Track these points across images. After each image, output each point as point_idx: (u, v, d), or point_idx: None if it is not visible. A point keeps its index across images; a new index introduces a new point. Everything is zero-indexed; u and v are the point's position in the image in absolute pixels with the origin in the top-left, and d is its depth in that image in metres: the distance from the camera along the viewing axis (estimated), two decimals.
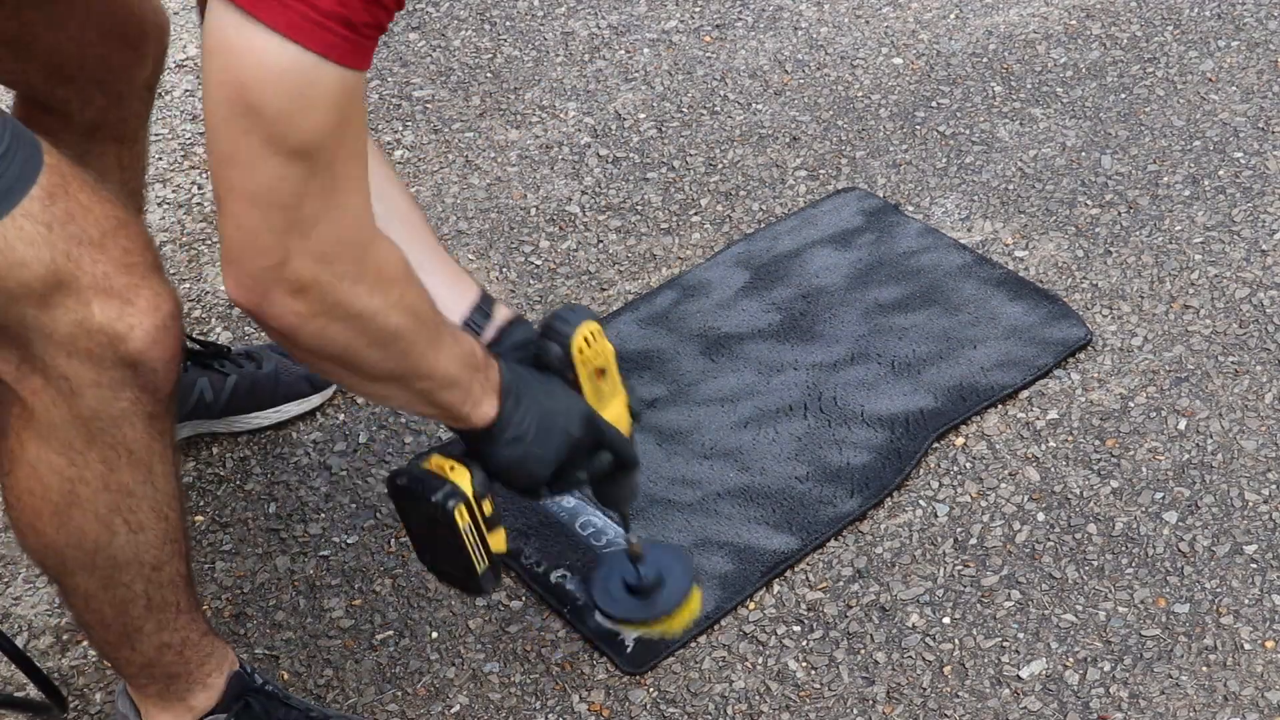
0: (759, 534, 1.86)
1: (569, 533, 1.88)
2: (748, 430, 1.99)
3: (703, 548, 1.85)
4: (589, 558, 1.84)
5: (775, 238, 2.27)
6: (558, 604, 1.82)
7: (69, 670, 1.80)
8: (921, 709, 1.69)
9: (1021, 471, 1.94)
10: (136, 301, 1.30)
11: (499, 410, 1.45)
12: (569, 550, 1.86)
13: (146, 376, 1.33)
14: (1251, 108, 2.46)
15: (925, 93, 2.57)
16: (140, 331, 1.30)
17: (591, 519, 1.89)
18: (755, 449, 1.96)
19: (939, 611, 1.79)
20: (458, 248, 2.33)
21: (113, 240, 1.29)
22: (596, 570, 1.76)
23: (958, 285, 2.17)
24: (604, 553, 1.83)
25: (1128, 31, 2.65)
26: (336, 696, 1.76)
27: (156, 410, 1.37)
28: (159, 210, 2.47)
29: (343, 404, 2.10)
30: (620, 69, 2.68)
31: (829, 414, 2.00)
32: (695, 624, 1.75)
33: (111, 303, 1.29)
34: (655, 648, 1.76)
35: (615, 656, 1.76)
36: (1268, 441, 1.94)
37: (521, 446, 1.47)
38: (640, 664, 1.75)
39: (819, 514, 1.88)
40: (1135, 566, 1.82)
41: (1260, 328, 2.09)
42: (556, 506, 1.91)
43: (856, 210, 2.32)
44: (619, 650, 1.76)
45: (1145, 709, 1.67)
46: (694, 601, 1.70)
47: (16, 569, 1.92)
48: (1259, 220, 2.26)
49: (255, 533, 1.94)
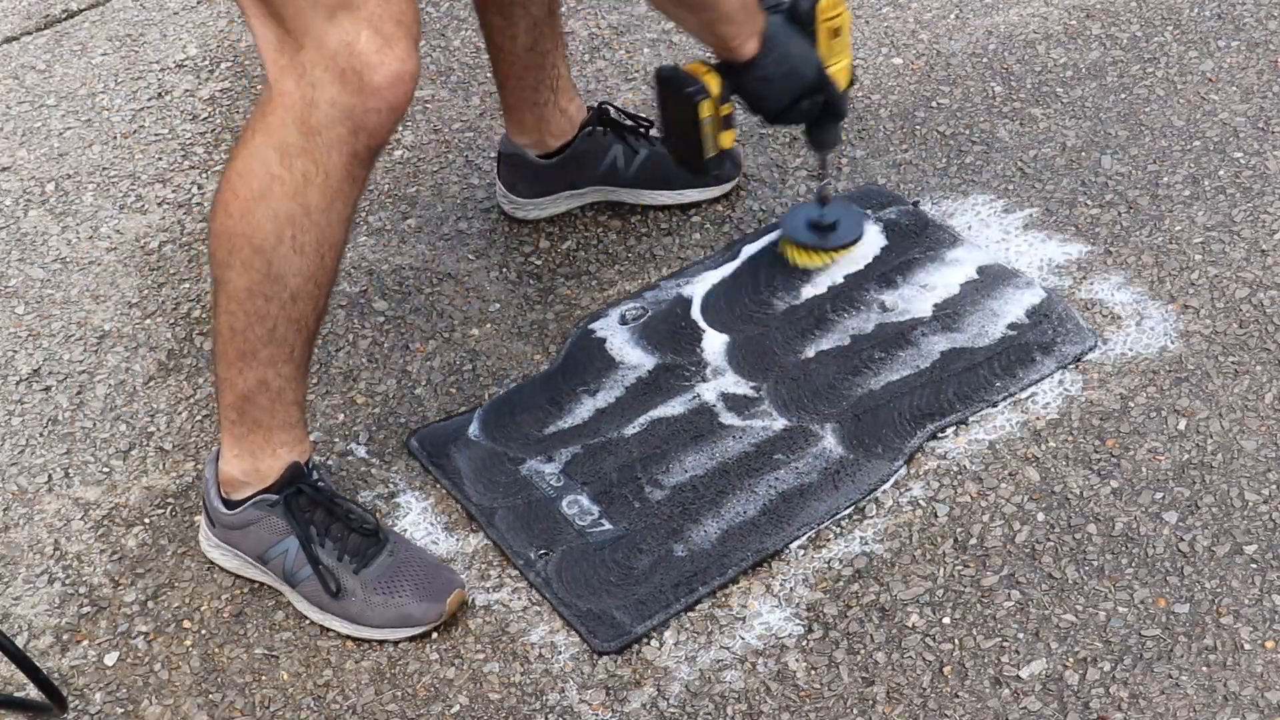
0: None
1: (553, 512, 1.91)
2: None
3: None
4: (569, 535, 1.88)
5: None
6: (540, 583, 1.84)
7: (69, 670, 1.80)
8: (921, 709, 1.69)
9: (1021, 471, 1.94)
10: (394, 48, 1.59)
11: (759, 51, 1.96)
12: (550, 529, 1.89)
13: (370, 114, 1.61)
14: (1251, 108, 2.46)
15: (925, 93, 2.57)
16: (386, 70, 1.58)
17: (578, 498, 1.91)
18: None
19: (939, 611, 1.79)
20: (458, 248, 2.33)
21: (396, 1, 1.59)
22: (785, 216, 2.24)
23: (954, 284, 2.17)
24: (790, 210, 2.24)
25: (1128, 31, 2.65)
26: (336, 696, 1.76)
27: (362, 154, 1.64)
28: (159, 210, 2.47)
29: (343, 404, 2.10)
30: (620, 69, 2.67)
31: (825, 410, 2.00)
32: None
33: (376, 38, 1.58)
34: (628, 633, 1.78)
35: (590, 638, 1.78)
36: (1268, 441, 1.94)
37: (767, 83, 2.00)
38: (610, 645, 1.77)
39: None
40: (1135, 566, 1.82)
41: (1260, 328, 2.09)
42: (545, 486, 1.94)
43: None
44: (595, 631, 1.78)
45: (1145, 709, 1.67)
46: (861, 242, 2.21)
47: (16, 569, 1.92)
48: (1259, 220, 2.26)
49: None
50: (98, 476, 2.04)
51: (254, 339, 1.74)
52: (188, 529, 1.96)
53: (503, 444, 2.00)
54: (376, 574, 1.79)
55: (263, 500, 1.82)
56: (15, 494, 2.02)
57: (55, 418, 2.13)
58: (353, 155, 1.64)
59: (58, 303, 2.32)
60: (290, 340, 1.74)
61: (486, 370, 2.14)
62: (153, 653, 1.82)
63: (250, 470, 1.82)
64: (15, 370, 2.21)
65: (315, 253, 1.69)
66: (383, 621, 1.78)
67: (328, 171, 1.64)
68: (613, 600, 1.81)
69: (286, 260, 1.68)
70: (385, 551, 1.81)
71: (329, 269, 1.72)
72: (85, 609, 1.87)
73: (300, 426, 1.84)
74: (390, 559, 1.81)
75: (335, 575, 1.79)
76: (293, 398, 1.80)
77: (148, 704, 1.77)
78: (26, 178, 2.57)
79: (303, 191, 1.65)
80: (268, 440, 1.81)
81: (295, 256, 1.68)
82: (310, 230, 1.67)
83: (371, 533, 1.81)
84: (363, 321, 2.23)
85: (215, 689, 1.78)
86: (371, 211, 2.42)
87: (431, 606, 1.78)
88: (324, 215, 1.66)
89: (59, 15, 2.94)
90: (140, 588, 1.89)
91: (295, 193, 1.64)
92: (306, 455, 1.85)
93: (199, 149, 2.57)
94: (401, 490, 1.99)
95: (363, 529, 1.81)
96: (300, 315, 1.73)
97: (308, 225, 1.66)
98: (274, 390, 1.78)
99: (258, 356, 1.75)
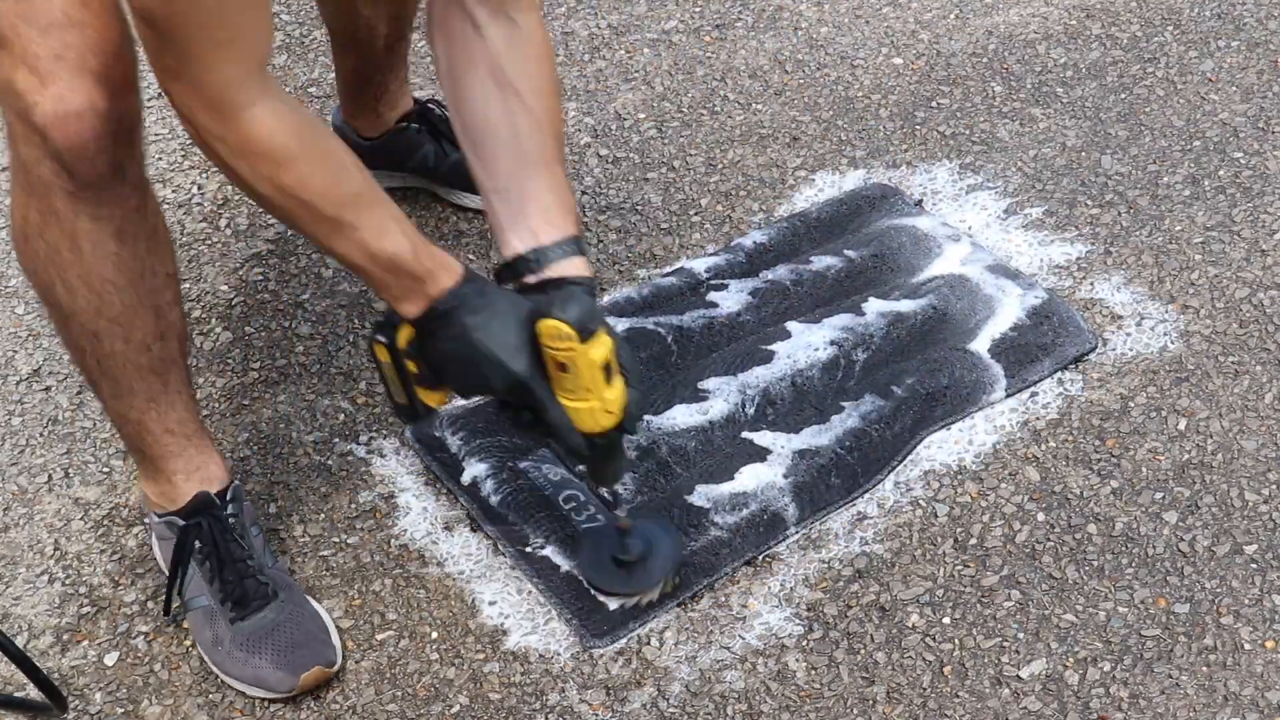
0: None
1: (551, 505, 1.91)
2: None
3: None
4: (568, 530, 1.87)
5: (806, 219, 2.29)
6: (534, 575, 1.84)
7: (69, 670, 1.80)
8: (921, 709, 1.69)
9: (1021, 471, 1.94)
10: (49, 86, 1.48)
11: (422, 316, 1.58)
12: (548, 522, 1.89)
13: (59, 156, 1.51)
14: (1251, 108, 2.46)
15: (925, 93, 2.57)
16: (41, 111, 1.48)
17: (576, 493, 1.92)
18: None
19: (939, 611, 1.79)
20: (458, 248, 2.33)
21: (58, 34, 1.47)
22: (585, 544, 1.84)
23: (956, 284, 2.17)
24: (586, 528, 1.86)
25: (1128, 31, 2.65)
26: (336, 696, 1.76)
27: (78, 192, 1.54)
28: None
29: (343, 404, 2.10)
30: (620, 69, 2.68)
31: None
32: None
33: (32, 78, 1.47)
34: (624, 620, 1.78)
35: (585, 626, 1.78)
36: (1268, 441, 1.94)
37: (439, 356, 1.61)
38: (604, 633, 1.77)
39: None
40: (1135, 566, 1.82)
41: (1260, 328, 2.09)
42: (543, 480, 1.94)
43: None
44: (585, 621, 1.78)
45: (1145, 709, 1.67)
46: (677, 576, 1.81)
47: (16, 569, 1.92)
48: (1259, 220, 2.26)
49: None
50: (98, 476, 2.04)
51: (87, 371, 1.70)
52: None
53: (501, 437, 2.00)
54: (249, 629, 1.74)
55: (173, 521, 1.79)
56: (15, 494, 2.02)
57: (55, 418, 2.13)
58: (68, 195, 1.55)
59: None
60: (119, 376, 1.69)
61: None
62: (153, 653, 1.82)
63: (157, 492, 1.80)
64: (15, 370, 2.21)
65: (88, 291, 1.61)
66: (239, 676, 1.74)
67: (56, 211, 1.56)
68: (609, 594, 1.81)
69: (65, 300, 1.62)
70: (269, 608, 1.75)
71: (121, 306, 1.63)
72: (85, 609, 1.87)
73: (195, 455, 1.78)
74: (271, 617, 1.75)
75: (212, 618, 1.76)
76: (159, 428, 1.74)
77: (148, 704, 1.77)
78: None
79: (45, 232, 1.58)
80: (159, 468, 1.78)
81: (70, 296, 1.61)
82: (69, 269, 1.59)
83: (263, 585, 1.76)
84: (363, 321, 2.23)
85: (215, 689, 1.77)
86: None
87: (285, 678, 1.72)
88: (74, 254, 1.58)
89: None
90: (140, 588, 1.89)
91: (40, 233, 1.58)
92: (219, 485, 1.80)
93: (199, 149, 2.57)
94: (401, 490, 1.99)
95: (257, 578, 1.76)
96: (113, 351, 1.66)
97: (64, 264, 1.59)
98: (133, 422, 1.74)
99: (101, 388, 1.72)
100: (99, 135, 1.52)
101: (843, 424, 1.97)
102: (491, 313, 1.58)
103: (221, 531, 1.78)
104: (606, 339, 1.59)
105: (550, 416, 1.61)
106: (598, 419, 1.63)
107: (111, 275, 1.61)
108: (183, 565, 1.77)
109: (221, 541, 1.77)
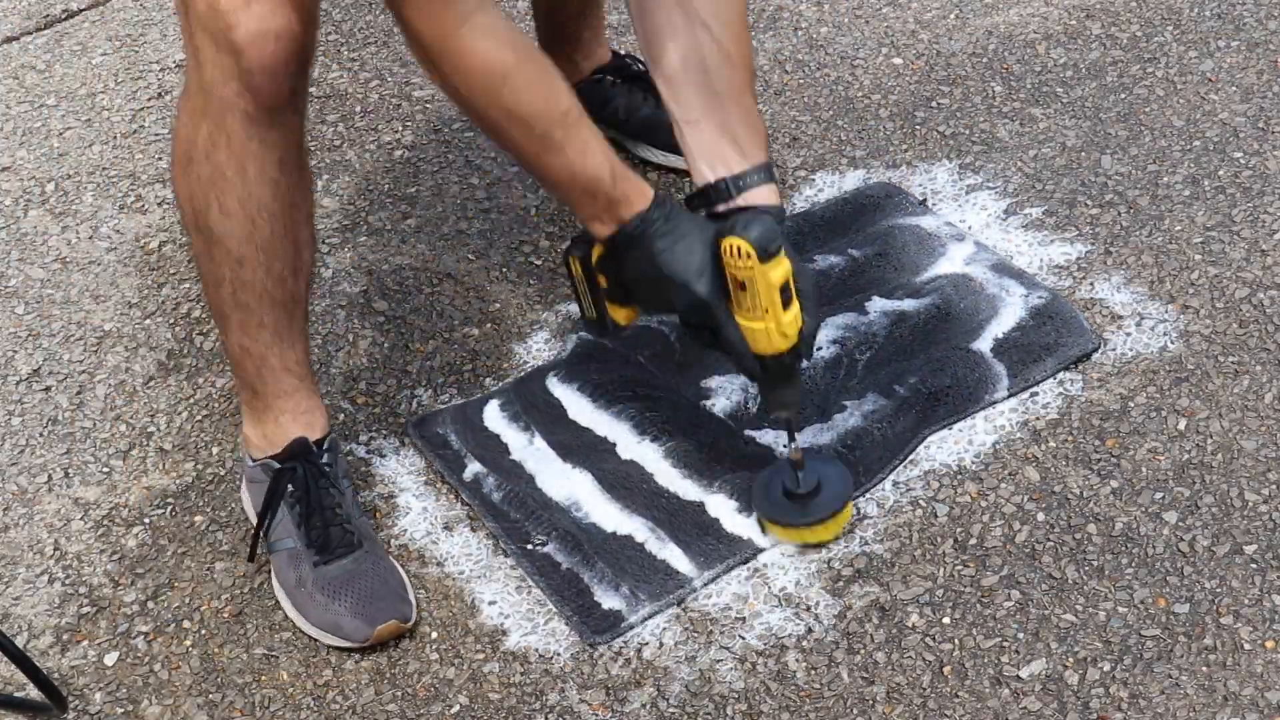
0: None
1: (549, 502, 1.91)
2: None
3: None
4: (569, 528, 1.88)
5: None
6: (535, 572, 1.84)
7: (69, 670, 1.81)
8: (921, 709, 1.69)
9: (1021, 471, 1.94)
10: (252, 6, 1.55)
11: (613, 237, 1.68)
12: (547, 519, 1.89)
13: (247, 76, 1.59)
14: (1251, 108, 2.46)
15: (925, 93, 2.57)
16: (243, 30, 1.56)
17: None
18: None
19: (939, 611, 1.79)
20: (458, 248, 2.33)
21: None
22: (759, 477, 1.87)
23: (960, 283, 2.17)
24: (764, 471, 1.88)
25: (1128, 31, 2.65)
26: (336, 696, 1.76)
27: (256, 115, 1.61)
28: (159, 210, 2.47)
29: (344, 405, 2.10)
30: None
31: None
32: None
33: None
34: (620, 620, 1.78)
35: (585, 623, 1.78)
36: (1268, 441, 1.94)
37: (632, 277, 1.71)
38: (605, 630, 1.77)
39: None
40: (1135, 566, 1.82)
41: (1260, 328, 2.09)
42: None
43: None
44: (585, 618, 1.78)
45: (1145, 709, 1.67)
46: (847, 511, 1.85)
47: (16, 569, 1.92)
48: (1259, 220, 2.26)
49: None
50: (98, 476, 2.04)
51: (220, 303, 1.76)
52: (188, 529, 1.96)
53: (501, 433, 2.00)
54: (331, 574, 1.79)
55: (269, 464, 1.84)
56: (15, 494, 2.02)
57: (55, 418, 2.13)
58: (246, 116, 1.62)
59: (58, 303, 2.32)
60: (253, 305, 1.75)
61: (486, 370, 2.14)
62: (153, 653, 1.82)
63: (259, 434, 1.85)
64: (15, 370, 2.21)
65: (243, 215, 1.68)
66: (316, 621, 1.78)
67: (229, 133, 1.63)
68: (607, 591, 1.81)
69: (219, 223, 1.68)
70: (351, 558, 1.80)
71: (270, 233, 1.70)
72: (85, 609, 1.87)
73: (305, 398, 1.84)
74: (352, 566, 1.79)
75: (297, 560, 1.80)
76: (279, 364, 1.80)
77: (148, 704, 1.77)
78: (26, 178, 2.57)
79: (212, 154, 1.65)
80: (267, 407, 1.83)
81: (224, 219, 1.68)
82: (229, 192, 1.67)
83: (349, 533, 1.81)
84: (363, 321, 2.23)
85: (215, 689, 1.78)
86: (371, 211, 2.42)
87: (361, 627, 1.75)
88: (239, 177, 1.66)
89: (59, 15, 2.95)
90: (140, 588, 1.89)
91: (207, 155, 1.65)
92: (319, 433, 1.85)
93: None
94: (401, 490, 1.99)
95: (344, 526, 1.81)
96: (253, 279, 1.72)
97: (226, 187, 1.66)
98: (256, 356, 1.79)
99: (230, 320, 1.77)
100: (288, 59, 1.60)
101: (845, 423, 1.97)
102: (677, 235, 1.67)
103: (316, 477, 1.82)
104: (786, 262, 1.66)
105: (727, 334, 1.70)
106: (773, 340, 1.70)
107: (268, 201, 1.68)
108: (273, 508, 1.81)
109: (314, 487, 1.81)
